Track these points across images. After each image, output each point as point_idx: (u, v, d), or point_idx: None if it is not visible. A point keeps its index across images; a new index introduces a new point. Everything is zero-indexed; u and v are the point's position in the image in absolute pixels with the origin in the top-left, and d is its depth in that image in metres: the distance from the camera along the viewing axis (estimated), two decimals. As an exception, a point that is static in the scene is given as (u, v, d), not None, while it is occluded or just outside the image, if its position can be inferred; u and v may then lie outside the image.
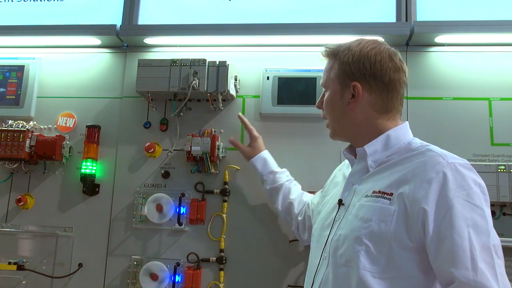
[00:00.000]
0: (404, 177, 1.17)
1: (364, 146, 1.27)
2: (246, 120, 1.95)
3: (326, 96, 1.34)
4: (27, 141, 2.03)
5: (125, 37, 2.11)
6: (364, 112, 1.28)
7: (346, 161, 1.51)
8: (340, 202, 1.29)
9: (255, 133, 1.91)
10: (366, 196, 1.22)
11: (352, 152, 1.37)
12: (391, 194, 1.17)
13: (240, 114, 1.98)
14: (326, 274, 1.23)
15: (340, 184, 1.43)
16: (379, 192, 1.19)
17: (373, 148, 1.27)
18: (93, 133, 2.06)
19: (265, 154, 1.87)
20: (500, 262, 1.06)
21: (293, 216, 1.75)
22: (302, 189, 1.84)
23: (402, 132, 1.29)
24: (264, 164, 1.84)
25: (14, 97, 2.17)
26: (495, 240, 1.08)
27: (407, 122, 1.33)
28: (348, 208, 1.26)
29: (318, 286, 1.24)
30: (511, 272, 1.76)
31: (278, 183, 1.80)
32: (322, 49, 1.35)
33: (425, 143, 1.27)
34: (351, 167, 1.36)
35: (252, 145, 1.88)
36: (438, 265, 1.08)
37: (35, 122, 2.15)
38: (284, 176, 1.83)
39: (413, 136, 1.32)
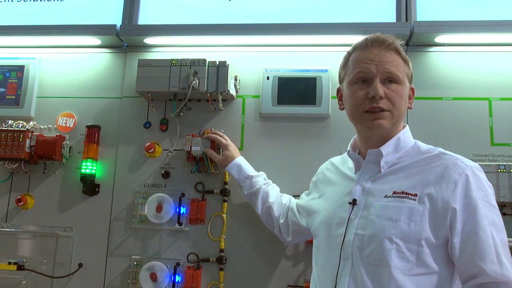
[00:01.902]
0: (427, 179, 1.24)
1: (380, 148, 1.31)
2: (212, 135, 1.93)
3: (400, 88, 1.31)
4: (27, 141, 2.03)
5: (125, 37, 2.11)
6: None
7: (334, 160, 1.56)
8: (354, 202, 1.30)
9: (224, 142, 1.91)
10: (386, 196, 1.26)
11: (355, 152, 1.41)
12: (415, 195, 1.23)
13: (210, 134, 1.93)
14: (353, 274, 1.24)
15: (337, 183, 1.45)
16: (402, 192, 1.25)
17: (386, 150, 1.32)
18: (93, 133, 2.06)
19: (239, 160, 1.87)
20: (510, 256, 1.17)
21: (274, 219, 1.77)
22: (302, 189, 1.83)
23: (408, 135, 1.37)
24: (239, 170, 1.85)
25: (14, 97, 2.17)
26: (506, 236, 1.20)
27: (407, 125, 1.39)
28: (365, 208, 1.28)
29: (346, 286, 1.24)
30: (511, 272, 1.77)
31: (255, 188, 1.82)
32: (396, 44, 1.33)
33: (431, 146, 1.35)
34: (354, 167, 1.39)
35: (224, 154, 1.89)
36: (464, 260, 1.16)
37: (35, 122, 2.15)
38: (260, 179, 1.84)
39: (414, 136, 1.38)
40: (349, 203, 1.31)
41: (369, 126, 1.30)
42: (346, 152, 1.44)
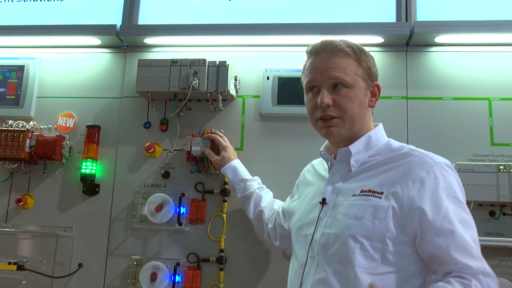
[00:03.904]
0: (394, 177, 1.23)
1: (349, 146, 1.31)
2: (212, 135, 1.93)
3: (350, 92, 1.29)
4: (27, 141, 2.03)
5: (125, 37, 2.11)
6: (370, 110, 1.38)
7: (315, 162, 1.58)
8: (323, 201, 1.31)
9: (223, 143, 1.91)
10: (354, 195, 1.26)
11: (328, 152, 1.43)
12: (382, 193, 1.22)
13: (210, 134, 1.94)
14: (318, 273, 1.24)
15: (314, 184, 1.46)
16: (369, 191, 1.24)
17: (356, 148, 1.32)
18: (93, 133, 2.06)
19: (235, 163, 1.88)
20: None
21: (264, 223, 1.77)
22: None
23: (380, 133, 1.37)
24: (234, 172, 1.85)
25: (14, 97, 2.17)
26: (476, 232, 1.19)
27: (381, 123, 1.39)
28: (334, 207, 1.29)
29: (310, 286, 1.24)
30: (511, 272, 1.77)
31: (248, 191, 1.82)
32: (340, 46, 1.32)
33: (404, 144, 1.35)
34: (328, 167, 1.41)
35: (221, 155, 1.89)
36: (440, 257, 1.14)
37: (35, 122, 2.15)
38: (255, 184, 1.85)
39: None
40: (320, 202, 1.32)
41: (323, 134, 1.33)
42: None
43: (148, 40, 2.12)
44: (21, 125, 2.08)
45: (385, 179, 1.24)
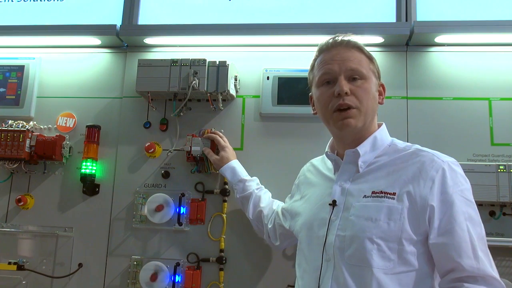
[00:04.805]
0: (405, 177, 1.24)
1: (357, 148, 1.32)
2: (212, 135, 1.94)
3: (365, 84, 1.32)
4: (27, 141, 2.03)
5: (125, 37, 2.11)
6: None
7: (314, 161, 1.58)
8: (334, 203, 1.31)
9: (222, 143, 1.91)
10: (365, 196, 1.26)
11: (333, 153, 1.42)
12: (394, 194, 1.23)
13: (210, 134, 1.95)
14: (336, 275, 1.24)
15: (318, 184, 1.46)
16: (381, 192, 1.25)
17: (364, 149, 1.33)
18: (93, 133, 2.06)
19: (234, 163, 1.88)
20: (488, 250, 1.19)
21: (263, 224, 1.77)
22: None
23: (385, 133, 1.38)
24: (233, 173, 1.85)
25: (14, 97, 2.17)
26: (484, 230, 1.21)
27: (384, 123, 1.40)
28: (345, 209, 1.29)
29: None
30: (511, 272, 1.77)
31: (247, 192, 1.82)
32: (354, 41, 1.35)
33: (408, 143, 1.37)
34: (333, 167, 1.40)
35: (221, 154, 1.89)
36: (442, 255, 1.18)
37: (35, 122, 2.15)
38: (253, 184, 1.85)
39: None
40: (329, 204, 1.32)
41: (339, 127, 1.31)
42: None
43: (148, 40, 2.12)
44: (21, 125, 2.08)
45: (396, 180, 1.25)
